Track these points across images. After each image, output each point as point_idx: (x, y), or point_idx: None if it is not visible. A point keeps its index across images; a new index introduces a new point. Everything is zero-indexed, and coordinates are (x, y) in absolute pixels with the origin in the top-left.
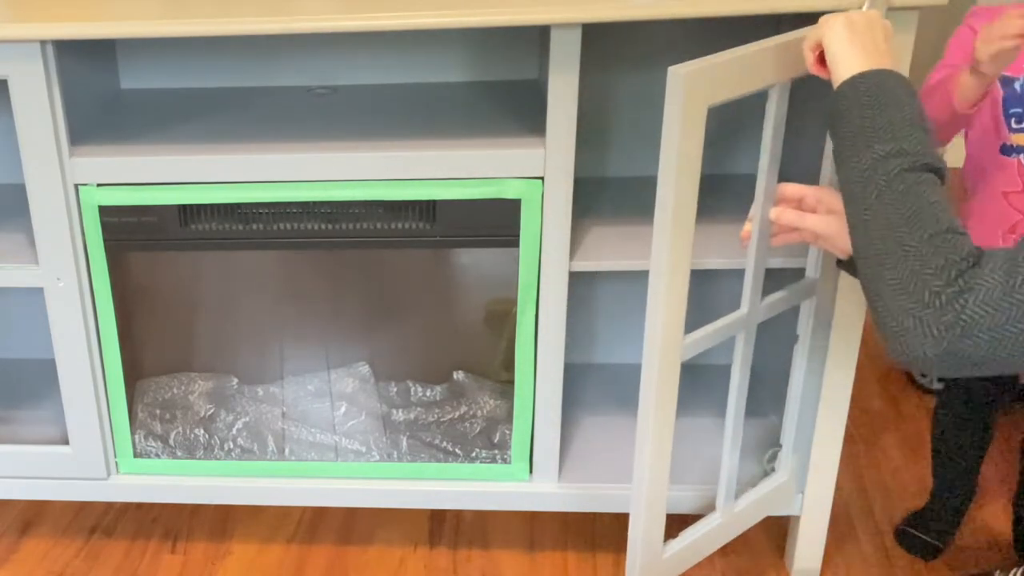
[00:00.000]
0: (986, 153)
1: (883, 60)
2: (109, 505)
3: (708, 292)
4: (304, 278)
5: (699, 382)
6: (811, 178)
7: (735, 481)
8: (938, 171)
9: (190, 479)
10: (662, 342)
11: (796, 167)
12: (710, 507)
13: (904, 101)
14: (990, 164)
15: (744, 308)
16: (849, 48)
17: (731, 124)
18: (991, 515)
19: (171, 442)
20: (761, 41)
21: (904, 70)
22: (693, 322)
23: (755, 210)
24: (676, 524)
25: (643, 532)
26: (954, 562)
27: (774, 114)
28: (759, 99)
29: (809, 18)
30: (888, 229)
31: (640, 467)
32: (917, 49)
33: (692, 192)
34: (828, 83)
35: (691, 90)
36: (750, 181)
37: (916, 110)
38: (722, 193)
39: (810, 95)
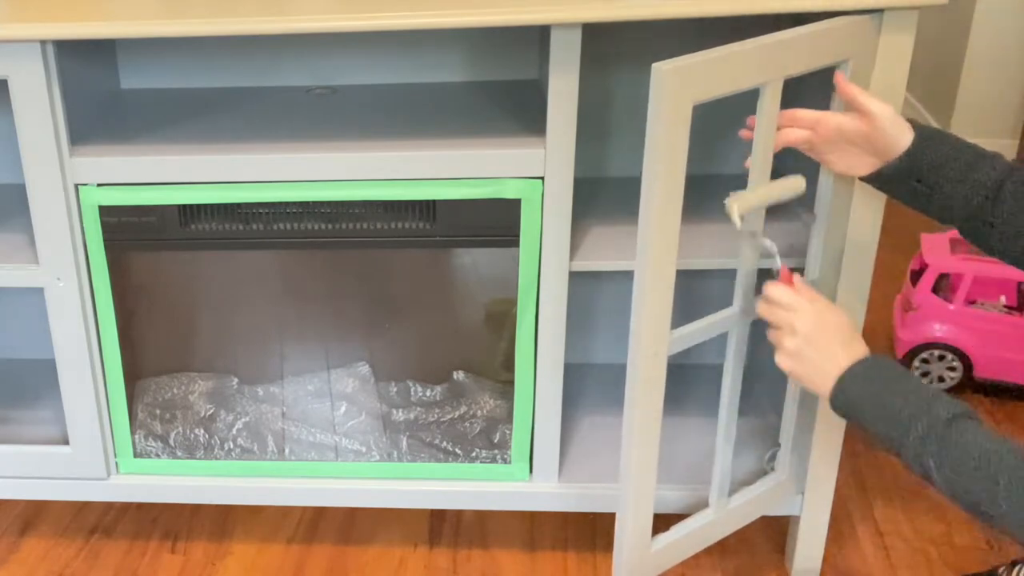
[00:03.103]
0: None
1: (837, 356)
2: (109, 505)
3: (708, 293)
4: (304, 278)
5: (700, 383)
6: (807, 177)
7: (728, 478)
8: (969, 415)
9: (190, 479)
10: (647, 337)
11: (791, 167)
12: (705, 506)
13: (887, 382)
14: None
15: (736, 306)
16: (804, 369)
17: (726, 123)
18: None
19: (171, 442)
20: (749, 40)
21: (903, 70)
22: (690, 322)
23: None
24: (674, 524)
25: (630, 524)
26: (955, 562)
27: (766, 113)
28: (753, 98)
29: (809, 18)
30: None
31: (626, 458)
32: (917, 48)
33: (677, 188)
34: (823, 84)
35: (675, 87)
36: (743, 182)
37: (901, 381)
38: (716, 193)
39: (804, 94)
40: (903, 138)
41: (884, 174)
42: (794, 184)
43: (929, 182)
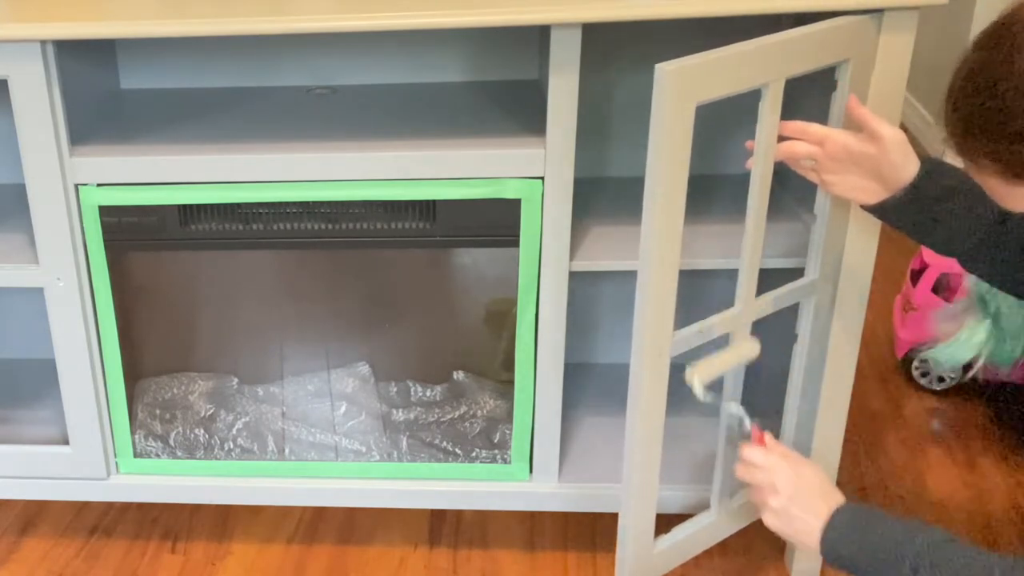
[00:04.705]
0: None
1: (819, 509)
2: (109, 505)
3: (710, 293)
4: (304, 278)
5: None
6: (809, 181)
7: (730, 478)
8: (950, 539)
9: (190, 479)
10: (650, 338)
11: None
12: (706, 506)
13: (867, 525)
14: None
15: (737, 306)
16: (791, 527)
17: (728, 123)
18: (995, 515)
19: (171, 442)
20: (752, 40)
21: (903, 70)
22: (693, 323)
23: (749, 212)
24: (675, 524)
25: (633, 526)
26: None
27: (768, 113)
28: (754, 98)
29: (809, 18)
30: None
31: (629, 460)
32: (917, 48)
33: (680, 189)
34: (824, 86)
35: (679, 87)
36: (746, 181)
37: (882, 525)
38: (719, 193)
39: (806, 94)
40: (909, 167)
41: (888, 205)
42: (749, 350)
43: (933, 214)
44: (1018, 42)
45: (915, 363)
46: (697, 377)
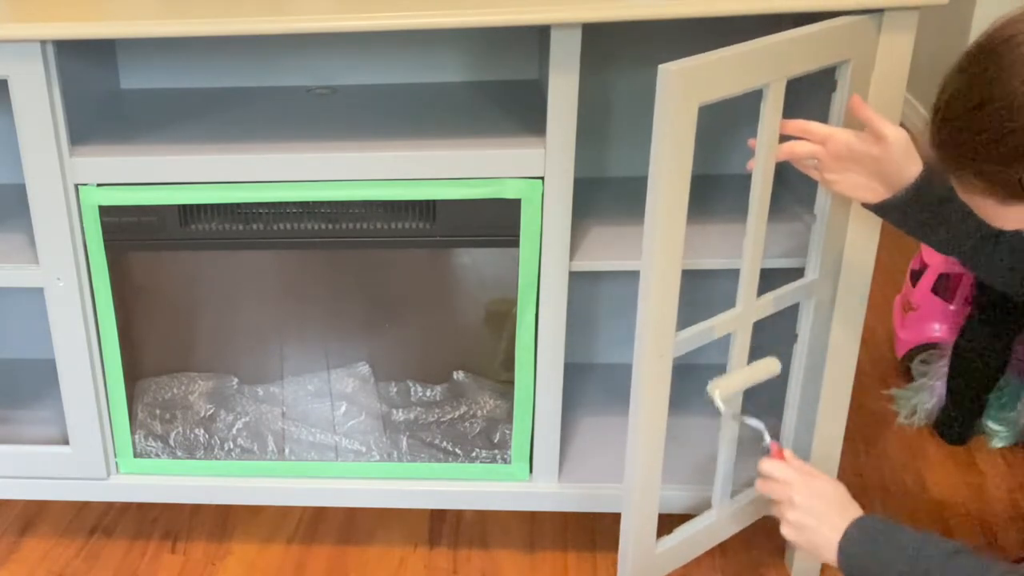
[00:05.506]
0: None
1: (836, 522)
2: (109, 505)
3: (709, 293)
4: (304, 278)
5: (702, 383)
6: (807, 177)
7: (731, 479)
8: (959, 550)
9: (190, 479)
10: (652, 338)
11: (792, 167)
12: (707, 507)
13: (885, 539)
14: None
15: (739, 307)
16: (808, 539)
17: (728, 123)
18: (995, 515)
19: (171, 442)
20: (754, 40)
21: (903, 70)
22: (693, 323)
23: (750, 213)
24: (676, 524)
25: (635, 527)
26: None
27: (769, 114)
28: (755, 99)
29: (809, 18)
30: None
31: (631, 461)
32: (917, 48)
33: (683, 190)
34: (824, 86)
35: (682, 88)
36: (747, 181)
37: (897, 537)
38: (719, 193)
39: (806, 94)
40: (911, 168)
41: (890, 204)
42: (770, 367)
43: (935, 214)
44: (1004, 62)
45: (915, 363)
46: (718, 391)
